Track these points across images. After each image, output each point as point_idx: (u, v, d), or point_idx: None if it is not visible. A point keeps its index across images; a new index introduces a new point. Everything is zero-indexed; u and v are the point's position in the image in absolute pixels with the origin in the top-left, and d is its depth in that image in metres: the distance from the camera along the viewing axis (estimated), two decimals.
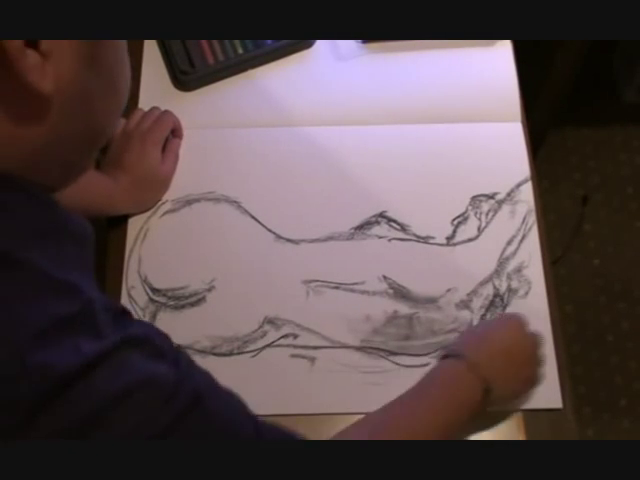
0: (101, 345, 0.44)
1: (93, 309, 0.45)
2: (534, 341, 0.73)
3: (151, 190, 0.86)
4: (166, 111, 0.89)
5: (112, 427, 0.44)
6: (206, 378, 0.52)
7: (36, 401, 0.41)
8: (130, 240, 0.85)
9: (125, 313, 0.50)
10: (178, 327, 0.81)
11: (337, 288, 0.83)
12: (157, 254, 0.84)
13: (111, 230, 0.86)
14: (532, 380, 0.73)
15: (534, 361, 0.72)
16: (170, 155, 0.87)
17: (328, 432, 0.77)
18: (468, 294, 0.82)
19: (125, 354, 0.45)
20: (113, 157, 0.85)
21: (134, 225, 0.86)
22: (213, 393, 0.51)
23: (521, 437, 0.76)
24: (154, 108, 0.89)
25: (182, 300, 0.82)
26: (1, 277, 0.42)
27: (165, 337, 0.51)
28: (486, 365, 0.69)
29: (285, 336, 0.80)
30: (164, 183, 0.87)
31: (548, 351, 0.79)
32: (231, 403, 0.53)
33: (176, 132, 0.89)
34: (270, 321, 0.81)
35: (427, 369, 0.73)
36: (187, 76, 0.93)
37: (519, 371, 0.72)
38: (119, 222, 0.86)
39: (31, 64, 0.41)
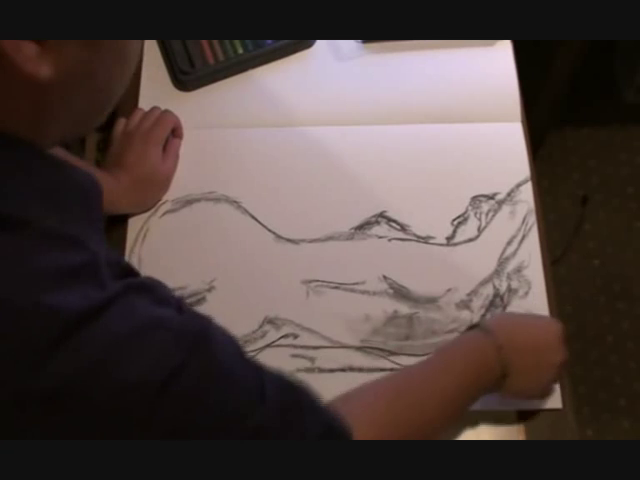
0: (106, 292, 0.45)
1: (96, 262, 0.47)
2: (563, 352, 0.72)
3: (152, 190, 0.86)
4: (166, 111, 0.89)
5: (126, 368, 0.44)
6: (208, 322, 0.54)
7: (47, 342, 0.42)
8: (130, 240, 0.85)
9: (129, 269, 0.52)
10: None
11: (337, 288, 0.83)
12: (157, 254, 0.84)
13: (111, 230, 0.86)
14: (547, 385, 0.73)
15: (556, 368, 0.72)
16: (171, 155, 0.87)
17: None
18: (468, 294, 0.82)
19: (130, 299, 0.47)
20: (114, 157, 0.85)
21: (134, 225, 0.86)
22: (217, 332, 0.53)
23: (521, 437, 0.76)
24: (155, 108, 0.89)
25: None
26: (11, 236, 0.44)
27: (166, 288, 0.53)
28: (511, 352, 0.68)
29: (285, 336, 0.80)
30: (165, 183, 0.87)
31: None
32: (234, 344, 0.54)
33: (176, 132, 0.89)
34: (270, 321, 0.81)
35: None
36: (187, 76, 0.93)
37: (539, 371, 0.71)
38: (119, 222, 0.86)
39: (27, 56, 0.42)
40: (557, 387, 0.77)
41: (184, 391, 0.47)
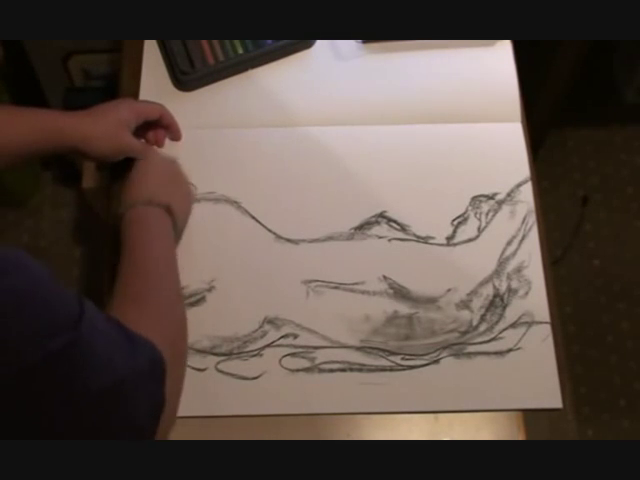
0: None
1: None
2: (171, 164, 0.84)
3: (109, 116, 0.81)
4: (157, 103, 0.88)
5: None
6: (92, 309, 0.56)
7: None
8: None
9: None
10: None
11: (337, 288, 0.83)
12: None
13: (111, 230, 0.86)
14: (189, 194, 0.84)
15: (181, 178, 0.84)
16: (146, 134, 0.87)
17: (328, 432, 0.77)
18: (468, 294, 0.82)
19: None
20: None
21: None
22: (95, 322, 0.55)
23: (521, 437, 0.76)
24: None
25: None
26: None
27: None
28: (155, 193, 0.77)
29: (285, 336, 0.80)
30: (125, 144, 0.83)
31: (548, 351, 0.79)
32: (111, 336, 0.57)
33: (170, 127, 0.88)
34: (270, 321, 0.81)
35: (427, 369, 0.76)
36: (187, 76, 0.93)
37: (177, 187, 0.82)
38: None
39: None
40: (557, 387, 0.78)
41: None
